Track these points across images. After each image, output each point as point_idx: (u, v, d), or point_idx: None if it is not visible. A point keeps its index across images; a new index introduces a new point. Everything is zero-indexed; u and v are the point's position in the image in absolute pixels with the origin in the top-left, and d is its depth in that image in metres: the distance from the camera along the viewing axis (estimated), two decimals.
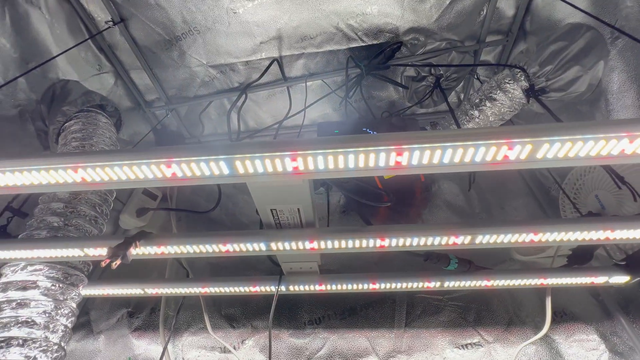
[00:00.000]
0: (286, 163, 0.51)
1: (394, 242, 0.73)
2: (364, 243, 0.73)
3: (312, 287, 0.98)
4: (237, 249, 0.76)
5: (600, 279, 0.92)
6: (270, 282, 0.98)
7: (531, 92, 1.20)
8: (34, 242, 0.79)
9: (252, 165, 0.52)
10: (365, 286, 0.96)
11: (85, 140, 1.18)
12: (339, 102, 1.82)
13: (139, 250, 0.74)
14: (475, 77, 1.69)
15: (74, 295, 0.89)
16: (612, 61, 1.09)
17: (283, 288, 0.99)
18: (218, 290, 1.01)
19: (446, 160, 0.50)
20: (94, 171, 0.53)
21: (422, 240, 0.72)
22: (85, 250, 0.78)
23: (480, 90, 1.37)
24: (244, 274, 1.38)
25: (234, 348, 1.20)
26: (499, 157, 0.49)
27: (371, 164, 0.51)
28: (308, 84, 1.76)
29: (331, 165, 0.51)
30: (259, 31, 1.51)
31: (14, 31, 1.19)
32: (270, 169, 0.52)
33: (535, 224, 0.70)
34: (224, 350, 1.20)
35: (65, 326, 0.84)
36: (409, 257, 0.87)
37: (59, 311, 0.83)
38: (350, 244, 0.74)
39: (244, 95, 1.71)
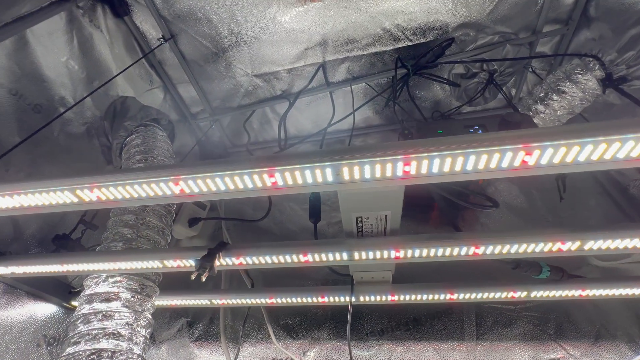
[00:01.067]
0: (398, 167, 0.48)
1: (489, 249, 0.67)
2: (456, 251, 0.68)
3: (383, 298, 0.93)
4: (318, 259, 0.73)
5: None
6: (338, 293, 0.95)
7: (609, 82, 1.10)
8: (115, 255, 0.81)
9: (359, 171, 0.49)
10: (442, 297, 0.90)
11: (147, 153, 1.21)
12: (381, 105, 1.78)
13: (221, 262, 0.73)
14: (531, 70, 1.59)
15: (150, 306, 0.90)
16: None
17: (354, 298, 0.95)
18: (284, 301, 0.99)
19: (582, 158, 0.44)
20: (195, 183, 0.52)
21: (522, 247, 0.66)
22: (165, 262, 0.78)
23: (545, 83, 1.28)
24: (297, 284, 1.35)
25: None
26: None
27: (492, 165, 0.46)
28: (352, 87, 1.74)
29: (446, 168, 0.47)
30: (304, 37, 1.51)
31: (81, 53, 1.25)
32: (378, 174, 0.49)
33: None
34: None
35: (145, 337, 0.84)
36: (478, 264, 0.80)
37: (139, 322, 0.84)
38: (440, 252, 0.69)
39: (287, 103, 1.72)
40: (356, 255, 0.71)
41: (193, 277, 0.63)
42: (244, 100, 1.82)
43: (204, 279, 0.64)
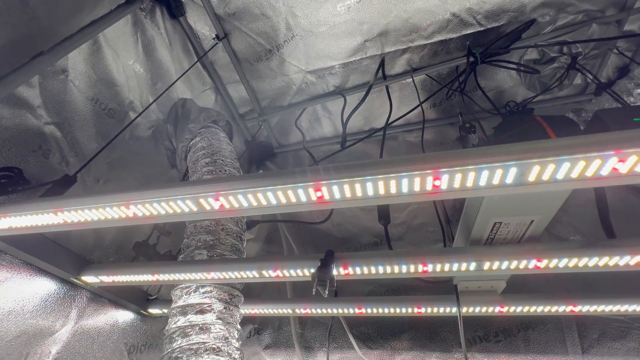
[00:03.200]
0: (607, 164, 0.38)
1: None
2: (613, 261, 0.58)
3: (490, 309, 0.84)
4: (439, 269, 0.65)
5: None
6: (438, 303, 0.86)
7: None
8: (208, 264, 0.76)
9: (553, 170, 0.40)
10: (562, 309, 0.80)
11: (214, 155, 1.17)
12: (439, 98, 1.67)
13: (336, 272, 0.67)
14: (617, 51, 1.42)
15: (238, 317, 0.85)
16: None
17: (453, 309, 0.86)
18: (375, 312, 0.91)
19: None
20: (305, 190, 0.45)
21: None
22: (263, 272, 0.73)
23: None
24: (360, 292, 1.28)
25: None
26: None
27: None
28: (407, 80, 1.63)
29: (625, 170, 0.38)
30: (365, 28, 1.43)
31: (145, 56, 1.23)
32: (574, 174, 0.40)
33: None
34: None
35: (240, 350, 0.80)
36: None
37: (232, 334, 0.79)
38: (593, 262, 0.59)
39: (343, 99, 1.65)
40: (486, 266, 0.63)
41: (314, 292, 0.57)
42: (295, 98, 1.76)
43: (326, 295, 0.57)
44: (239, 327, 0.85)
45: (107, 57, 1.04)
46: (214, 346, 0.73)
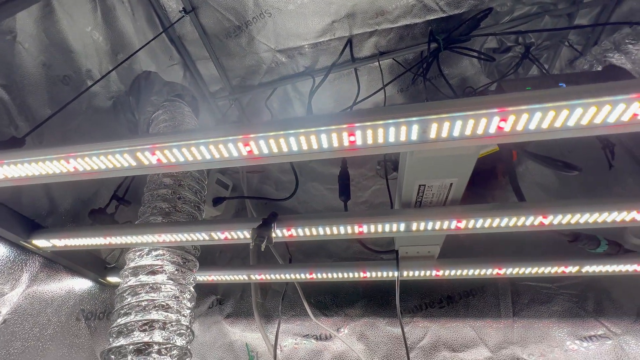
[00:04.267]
0: (493, 122, 0.44)
1: (557, 219, 0.64)
2: (521, 221, 0.66)
3: (428, 273, 0.92)
4: (373, 230, 0.71)
5: None
6: (381, 268, 0.93)
7: None
8: (160, 227, 0.79)
9: (448, 127, 0.45)
10: (489, 272, 0.89)
11: (177, 128, 1.18)
12: (407, 83, 1.72)
13: (276, 233, 0.71)
14: (567, 43, 1.52)
15: (192, 280, 0.89)
16: None
17: (395, 273, 0.93)
18: (325, 276, 0.97)
19: None
20: (266, 142, 0.49)
21: (594, 217, 0.63)
22: (212, 234, 0.77)
23: (590, 55, 1.23)
24: (325, 262, 1.34)
25: (329, 336, 1.17)
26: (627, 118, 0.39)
27: (598, 120, 0.43)
28: (375, 64, 1.68)
29: (545, 125, 0.44)
30: (332, 9, 1.44)
31: (105, 24, 1.20)
32: (468, 132, 0.46)
33: None
34: (320, 337, 1.17)
35: (191, 309, 0.84)
36: (555, 237, 0.78)
37: (184, 295, 0.83)
38: (504, 222, 0.66)
39: (312, 80, 1.67)
40: (414, 226, 0.69)
41: (252, 246, 0.61)
42: (266, 77, 1.76)
43: (263, 248, 0.62)
44: (192, 289, 0.89)
45: (61, 22, 1.02)
46: (163, 303, 0.76)
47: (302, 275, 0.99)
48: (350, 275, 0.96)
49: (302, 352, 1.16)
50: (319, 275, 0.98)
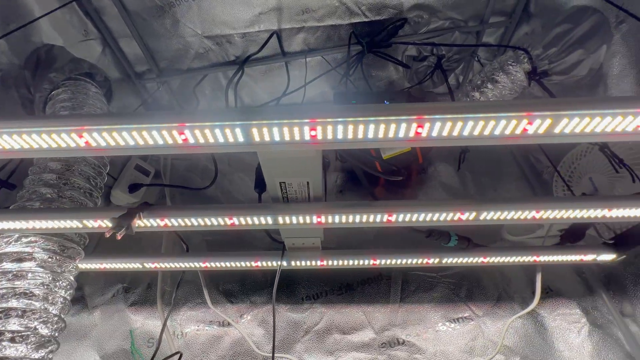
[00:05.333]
0: (305, 132, 0.50)
1: (401, 217, 0.73)
2: (372, 218, 0.74)
3: (313, 263, 0.99)
4: (244, 222, 0.76)
5: (589, 257, 0.97)
6: (271, 258, 0.99)
7: (533, 75, 1.20)
8: (28, 213, 0.76)
9: (268, 133, 0.50)
10: (366, 262, 0.98)
11: (75, 109, 1.12)
12: (338, 81, 1.78)
13: (142, 222, 0.72)
14: (476, 59, 1.68)
15: (72, 268, 0.87)
16: (614, 46, 1.10)
17: (285, 263, 0.99)
18: (219, 265, 1.01)
19: (466, 132, 0.50)
20: (100, 135, 0.50)
21: (428, 216, 0.73)
22: (84, 222, 0.76)
23: (483, 71, 1.37)
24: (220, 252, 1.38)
25: (232, 323, 1.21)
26: (518, 131, 0.49)
27: (390, 134, 0.50)
28: (307, 59, 1.71)
29: (350, 135, 0.50)
30: (258, 1, 1.44)
31: None
32: (287, 138, 0.51)
33: (536, 201, 0.72)
34: (223, 324, 1.21)
35: (64, 298, 0.82)
36: (410, 234, 0.89)
37: (57, 283, 0.81)
38: (357, 218, 0.74)
39: (240, 70, 1.66)
40: (280, 220, 0.75)
41: (107, 234, 0.62)
42: (195, 63, 1.71)
43: (119, 237, 0.63)
44: (71, 278, 0.87)
45: None
46: (26, 291, 0.74)
47: (197, 265, 1.01)
48: (244, 264, 1.00)
49: (203, 338, 1.19)
50: (213, 265, 1.01)
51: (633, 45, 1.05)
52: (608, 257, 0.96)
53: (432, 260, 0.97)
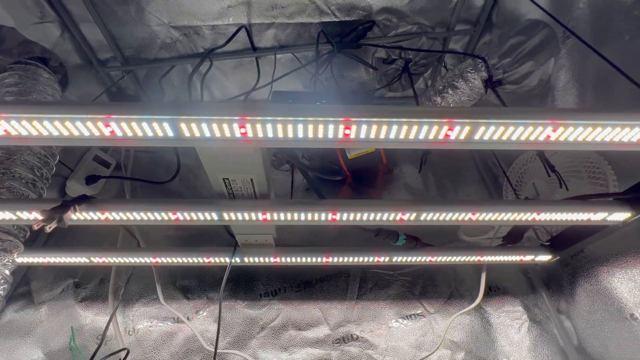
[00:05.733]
0: (234, 129, 0.50)
1: (345, 216, 0.75)
2: (317, 216, 0.75)
3: (267, 260, 1.00)
4: (188, 218, 0.75)
5: (527, 257, 1.03)
6: (224, 254, 0.98)
7: (489, 83, 1.26)
8: None
9: (198, 129, 0.50)
10: (319, 259, 1.00)
11: (22, 95, 1.06)
12: (309, 79, 1.79)
13: (80, 216, 0.70)
14: (443, 65, 1.73)
15: (7, 261, 0.83)
16: (561, 59, 1.17)
17: (238, 260, 0.99)
18: (170, 261, 0.99)
19: (392, 135, 0.52)
20: (19, 123, 0.48)
21: (372, 216, 0.75)
22: (18, 213, 0.72)
23: (445, 77, 1.42)
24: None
25: (187, 319, 1.20)
26: (441, 136, 0.52)
27: (320, 135, 0.51)
28: (278, 56, 1.70)
29: (280, 134, 0.51)
30: None
31: None
32: (218, 134, 0.51)
33: (474, 204, 0.75)
34: (177, 320, 1.20)
35: None
36: (362, 234, 0.91)
37: None
38: (302, 216, 0.75)
39: (208, 62, 1.63)
40: (226, 216, 0.74)
41: (35, 227, 0.60)
42: (162, 53, 1.67)
43: (48, 230, 0.61)
44: (6, 272, 0.83)
45: None
46: None
47: (147, 260, 0.99)
48: (195, 260, 0.99)
49: (155, 334, 1.17)
50: (164, 260, 0.99)
51: (577, 60, 1.12)
52: (545, 257, 1.02)
53: (382, 259, 1.00)
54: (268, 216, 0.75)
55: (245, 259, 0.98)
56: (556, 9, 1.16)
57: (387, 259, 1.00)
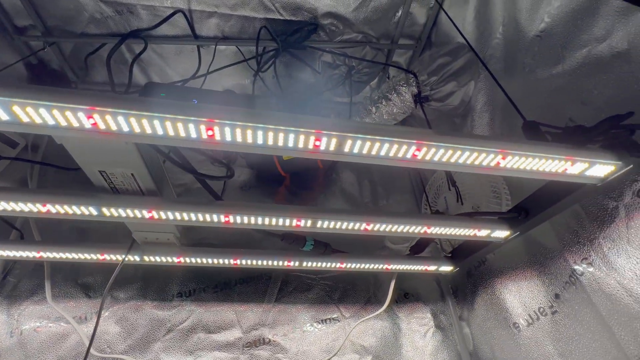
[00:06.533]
0: (81, 118, 0.45)
1: (238, 219, 0.73)
2: (208, 217, 0.72)
3: (169, 259, 0.94)
4: (62, 211, 0.68)
5: (432, 267, 1.08)
6: (122, 251, 0.91)
7: (418, 98, 1.31)
8: None
9: (37, 114, 0.45)
10: (227, 262, 0.97)
11: None
12: (253, 75, 1.74)
13: None
14: (387, 76, 1.78)
15: None
16: (480, 83, 1.25)
17: (137, 258, 0.93)
18: (57, 257, 0.90)
19: (260, 141, 0.50)
20: None
21: (266, 220, 0.74)
22: None
23: (381, 89, 1.45)
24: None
25: (85, 319, 1.10)
26: (310, 146, 0.51)
27: (182, 133, 0.48)
28: (222, 48, 1.64)
29: (137, 129, 0.47)
30: None
31: None
32: (63, 123, 0.46)
33: (367, 214, 0.77)
34: (76, 320, 1.10)
35: None
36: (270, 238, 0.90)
37: None
38: (193, 217, 0.72)
39: (143, 45, 1.52)
40: (106, 212, 0.69)
41: None
42: (90, 28, 1.53)
43: None
44: None
45: None
46: None
47: (29, 254, 0.89)
48: (88, 256, 0.91)
49: (43, 336, 1.06)
50: (49, 255, 0.90)
51: (492, 85, 1.20)
52: (447, 268, 1.08)
53: (292, 263, 0.99)
54: (155, 214, 0.70)
55: (145, 258, 0.92)
56: (479, 36, 1.24)
57: (297, 263, 0.99)
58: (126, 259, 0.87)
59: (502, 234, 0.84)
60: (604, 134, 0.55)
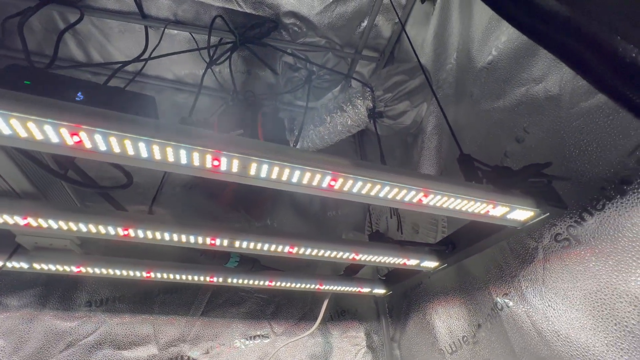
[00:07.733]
0: None
1: (140, 233, 0.63)
2: (103, 230, 0.62)
3: (66, 269, 0.81)
4: None
5: (365, 289, 1.05)
6: (3, 256, 0.77)
7: (372, 113, 1.28)
8: None
9: None
10: (139, 274, 0.86)
11: None
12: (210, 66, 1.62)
13: None
14: (349, 85, 1.74)
15: None
16: (432, 106, 1.25)
17: (25, 265, 0.79)
18: None
19: (173, 159, 0.42)
20: None
21: (166, 236, 0.65)
22: None
23: (337, 98, 1.41)
24: None
25: None
26: (208, 165, 0.44)
27: (39, 136, 0.39)
28: (174, 32, 1.51)
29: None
30: None
31: None
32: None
33: (292, 238, 0.71)
34: None
35: None
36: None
37: None
38: (83, 227, 0.61)
39: (80, 14, 1.34)
40: None
41: None
42: None
43: None
44: None
45: None
46: None
47: None
48: None
49: None
50: None
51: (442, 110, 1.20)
52: (380, 291, 1.06)
53: (215, 279, 0.91)
54: (32, 221, 0.58)
55: (36, 266, 0.78)
56: (436, 58, 1.24)
57: (221, 279, 0.91)
58: (5, 265, 0.73)
59: (431, 264, 0.83)
60: (525, 181, 0.54)
